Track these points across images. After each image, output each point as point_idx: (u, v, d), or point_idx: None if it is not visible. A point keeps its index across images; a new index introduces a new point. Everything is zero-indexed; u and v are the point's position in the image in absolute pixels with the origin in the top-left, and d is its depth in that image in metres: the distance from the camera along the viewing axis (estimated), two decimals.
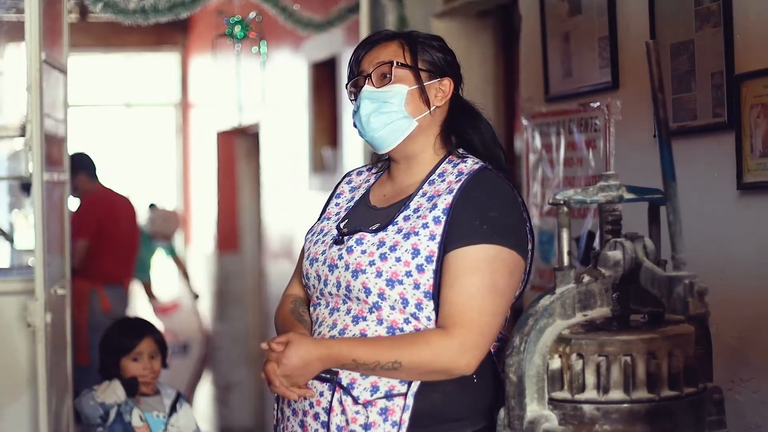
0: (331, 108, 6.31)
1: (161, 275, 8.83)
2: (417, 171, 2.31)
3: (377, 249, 2.20)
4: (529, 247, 2.25)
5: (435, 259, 2.16)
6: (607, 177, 2.07)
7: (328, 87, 6.32)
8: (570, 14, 3.59)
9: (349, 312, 2.23)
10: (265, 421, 7.83)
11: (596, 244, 3.27)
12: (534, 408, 1.96)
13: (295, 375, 2.15)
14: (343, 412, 2.16)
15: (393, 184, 2.35)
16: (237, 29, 4.63)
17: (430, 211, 2.20)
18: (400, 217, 2.23)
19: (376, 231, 2.23)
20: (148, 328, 3.53)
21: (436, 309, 2.17)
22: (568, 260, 2.03)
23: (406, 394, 2.14)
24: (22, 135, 3.78)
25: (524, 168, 3.97)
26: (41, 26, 3.73)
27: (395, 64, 2.26)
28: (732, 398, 2.76)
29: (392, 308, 2.18)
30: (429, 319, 2.18)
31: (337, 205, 2.41)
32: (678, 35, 2.99)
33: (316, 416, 2.20)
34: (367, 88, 2.28)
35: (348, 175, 2.49)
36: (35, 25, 3.71)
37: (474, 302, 2.13)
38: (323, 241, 2.31)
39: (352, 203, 2.39)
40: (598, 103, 3.44)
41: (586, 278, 2.02)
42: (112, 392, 3.35)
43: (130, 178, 10.02)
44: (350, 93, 2.34)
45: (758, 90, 2.70)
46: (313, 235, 2.37)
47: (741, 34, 2.77)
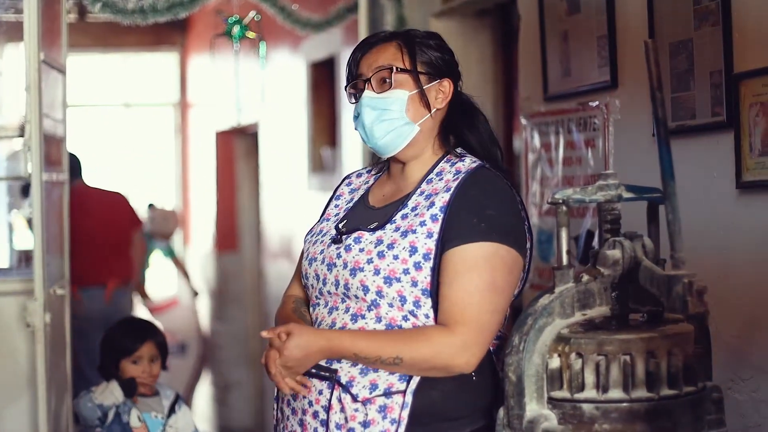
0: (330, 108, 6.31)
1: (159, 274, 8.83)
2: (415, 170, 2.32)
3: (375, 247, 2.20)
4: (528, 245, 2.26)
5: (432, 256, 2.17)
6: (606, 176, 2.07)
7: (327, 87, 6.31)
8: (569, 13, 3.59)
9: (347, 310, 2.23)
10: (265, 421, 7.83)
11: (595, 243, 3.26)
12: (533, 407, 1.97)
13: (295, 365, 2.16)
14: (342, 409, 2.17)
15: (392, 184, 2.36)
16: (235, 29, 4.63)
17: (428, 210, 2.20)
18: (398, 216, 2.24)
19: (374, 230, 2.24)
20: (150, 331, 3.52)
21: (434, 306, 2.18)
22: (567, 259, 2.03)
23: (405, 392, 2.15)
24: (21, 135, 3.77)
25: (523, 167, 3.97)
26: (40, 26, 3.73)
27: (395, 69, 2.26)
28: (731, 397, 2.76)
29: (390, 306, 2.19)
30: (427, 316, 2.18)
31: (337, 206, 2.42)
32: (677, 34, 2.99)
33: (315, 414, 2.20)
34: (368, 95, 2.29)
35: (348, 177, 2.50)
36: (34, 26, 3.71)
37: (473, 300, 2.14)
38: (322, 241, 2.32)
39: (351, 204, 2.40)
40: (596, 103, 3.44)
41: (585, 277, 2.02)
42: (110, 393, 3.35)
43: (129, 178, 10.02)
44: (350, 95, 2.34)
45: (757, 89, 2.70)
46: (312, 235, 2.38)
47: (740, 32, 2.77)
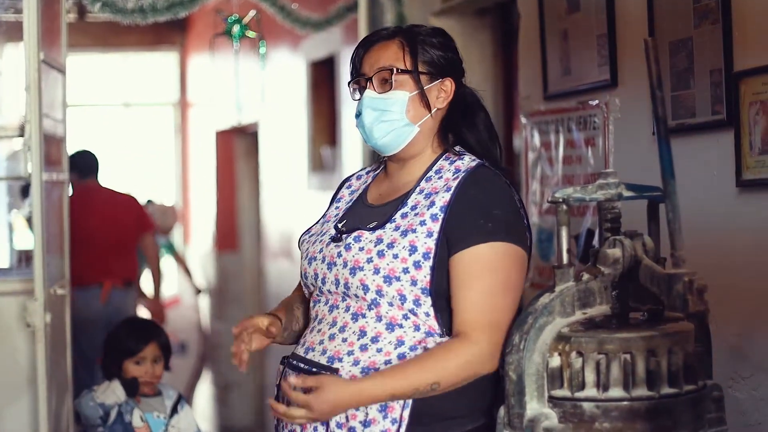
0: (330, 107, 6.31)
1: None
2: (414, 168, 2.32)
3: (375, 246, 2.20)
4: (528, 243, 2.26)
5: (432, 255, 2.17)
6: (606, 175, 2.07)
7: (327, 86, 6.31)
8: (568, 12, 3.59)
9: (348, 309, 2.23)
10: (265, 421, 7.83)
11: (595, 242, 3.26)
12: (534, 406, 1.97)
13: (324, 418, 2.15)
14: None
15: (390, 182, 2.36)
16: (235, 28, 4.63)
17: (428, 209, 2.21)
18: (397, 215, 2.24)
19: (374, 229, 2.24)
20: (154, 332, 3.52)
21: (434, 305, 2.18)
22: (567, 258, 2.04)
23: None
24: (21, 135, 3.77)
25: (523, 166, 3.97)
26: (40, 26, 3.73)
27: (395, 71, 2.26)
28: (731, 395, 2.76)
29: (390, 305, 2.19)
30: (427, 314, 2.19)
31: (337, 208, 2.43)
32: (677, 32, 2.99)
33: None
34: (369, 94, 2.29)
35: (348, 179, 2.50)
36: (34, 25, 3.71)
37: (490, 302, 2.15)
38: (321, 240, 2.32)
39: (350, 204, 2.40)
40: (596, 101, 3.44)
41: (586, 276, 2.02)
42: (112, 393, 3.35)
43: (129, 178, 10.02)
44: (353, 91, 2.35)
45: (757, 87, 2.70)
46: (310, 236, 2.38)
47: (740, 31, 2.77)
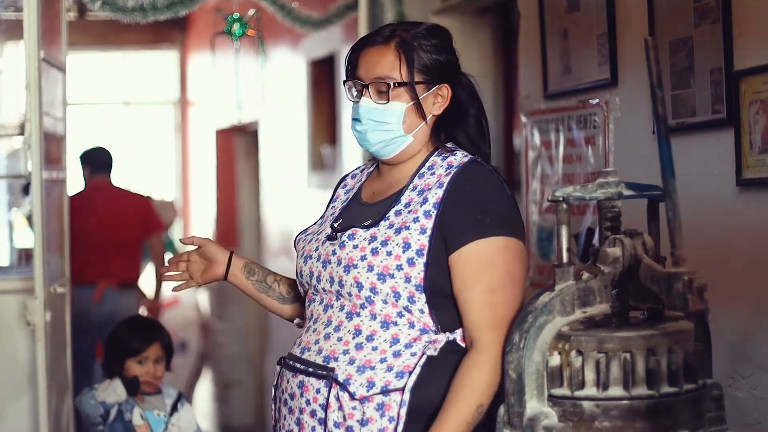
0: (330, 106, 6.31)
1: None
2: (407, 166, 2.33)
3: (369, 244, 2.21)
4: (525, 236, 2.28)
5: (426, 252, 2.18)
6: (606, 174, 2.07)
7: (327, 85, 6.31)
8: (568, 11, 3.59)
9: (342, 308, 2.24)
10: (265, 419, 7.83)
11: (595, 240, 3.26)
12: (533, 405, 1.97)
13: None
14: (340, 408, 2.17)
15: (383, 180, 2.37)
16: (235, 27, 4.63)
17: (421, 206, 2.21)
18: (391, 212, 2.25)
19: (368, 226, 2.24)
20: (157, 332, 3.51)
21: (429, 302, 2.19)
22: (567, 257, 2.04)
23: (403, 390, 2.15)
24: (21, 133, 3.78)
25: (523, 165, 3.97)
26: (40, 25, 3.73)
27: (392, 85, 2.26)
28: (731, 394, 2.76)
29: (384, 302, 2.19)
30: (422, 312, 2.19)
31: (333, 207, 2.44)
32: (677, 31, 2.99)
33: (312, 413, 2.21)
34: (365, 103, 2.29)
35: (343, 179, 2.51)
36: (34, 24, 3.71)
37: (495, 298, 2.16)
38: (317, 239, 2.33)
39: (345, 203, 2.41)
40: (597, 100, 3.44)
41: (586, 275, 2.02)
42: (113, 391, 3.35)
43: (129, 176, 10.02)
44: (348, 90, 2.34)
45: (757, 86, 2.70)
46: (307, 235, 2.39)
47: (740, 30, 2.77)
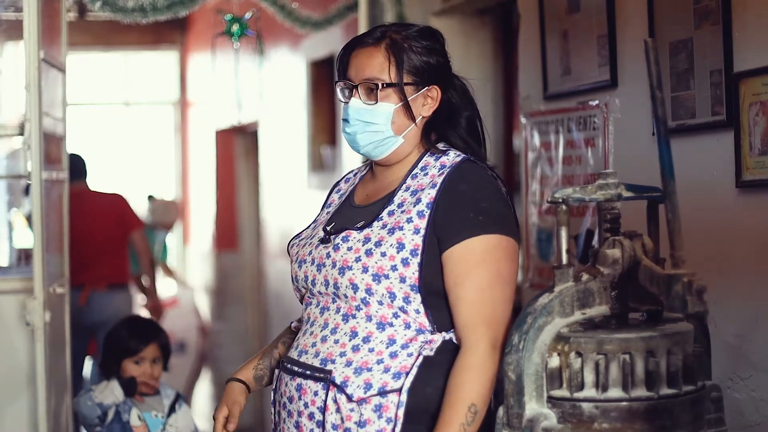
0: (329, 106, 6.30)
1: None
2: (399, 167, 2.33)
3: (363, 245, 2.21)
4: (519, 234, 2.28)
5: (420, 252, 2.18)
6: (606, 175, 2.07)
7: (327, 85, 6.30)
8: (568, 12, 3.59)
9: (338, 311, 2.24)
10: (265, 420, 7.83)
11: (595, 242, 3.27)
12: (533, 406, 1.97)
13: None
14: (338, 410, 2.17)
15: (376, 182, 2.37)
16: (235, 27, 4.63)
17: (414, 206, 2.22)
18: (384, 213, 2.25)
19: (361, 228, 2.25)
20: (155, 332, 3.52)
21: (424, 302, 2.19)
22: (566, 258, 2.04)
23: (400, 391, 2.15)
24: (21, 134, 3.78)
25: (523, 166, 3.97)
26: (40, 25, 3.73)
27: (381, 86, 2.26)
28: (731, 396, 2.77)
29: (380, 303, 2.19)
30: (417, 312, 2.19)
31: (328, 213, 2.44)
32: (677, 33, 2.99)
33: (311, 416, 2.21)
34: (354, 104, 2.29)
35: (337, 184, 2.52)
36: (34, 24, 3.71)
37: (486, 296, 2.16)
38: (311, 243, 2.33)
39: (338, 206, 2.41)
40: (596, 102, 3.44)
41: (585, 276, 2.02)
42: (110, 392, 3.34)
43: (129, 177, 10.02)
44: (340, 90, 2.34)
45: (757, 88, 2.70)
46: (300, 240, 2.39)
47: (740, 31, 2.77)
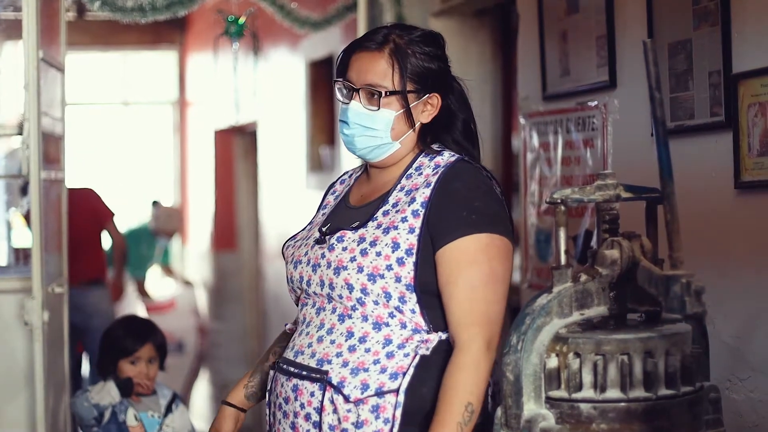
0: (328, 106, 6.30)
1: (159, 275, 8.83)
2: (394, 168, 2.33)
3: (358, 245, 2.21)
4: (513, 234, 2.28)
5: (415, 251, 2.18)
6: (605, 176, 2.07)
7: (326, 85, 6.30)
8: (567, 13, 3.59)
9: (334, 311, 2.24)
10: (263, 420, 7.83)
11: (593, 242, 3.27)
12: (531, 407, 1.97)
13: None
14: (335, 411, 2.17)
15: (371, 183, 2.37)
16: (234, 27, 4.63)
17: (409, 205, 2.22)
18: (379, 213, 2.25)
19: (356, 228, 2.24)
20: (150, 332, 3.51)
21: (419, 301, 2.19)
22: (565, 259, 2.04)
23: (397, 391, 2.15)
24: (20, 133, 3.78)
25: (522, 167, 3.97)
26: (39, 24, 3.73)
27: (384, 94, 2.25)
28: (729, 397, 2.77)
29: (376, 303, 2.19)
30: (413, 311, 2.19)
31: (323, 214, 2.44)
32: (676, 34, 2.99)
33: (307, 417, 2.20)
34: (355, 107, 2.29)
35: (332, 185, 2.52)
36: (33, 24, 3.71)
37: (478, 295, 2.16)
38: (306, 244, 2.33)
39: (333, 207, 2.41)
40: (595, 102, 3.44)
41: (584, 277, 2.02)
42: (107, 393, 3.34)
43: (127, 177, 10.02)
44: (338, 90, 2.34)
45: (756, 89, 2.70)
46: (296, 241, 2.39)
47: (739, 32, 2.77)
